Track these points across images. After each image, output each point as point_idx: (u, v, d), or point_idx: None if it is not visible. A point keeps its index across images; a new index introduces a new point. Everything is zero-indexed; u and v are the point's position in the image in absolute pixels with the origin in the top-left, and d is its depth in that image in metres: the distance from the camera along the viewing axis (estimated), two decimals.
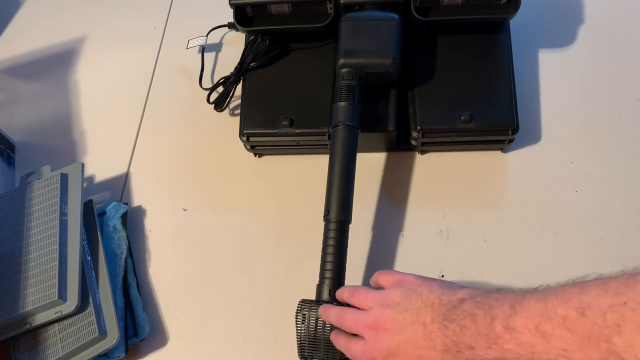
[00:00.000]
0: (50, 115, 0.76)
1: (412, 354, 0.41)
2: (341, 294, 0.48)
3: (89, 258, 0.59)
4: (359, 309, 0.46)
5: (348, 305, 0.48)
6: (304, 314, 0.50)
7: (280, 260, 0.60)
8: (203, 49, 0.74)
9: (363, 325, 0.44)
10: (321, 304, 0.50)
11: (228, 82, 0.67)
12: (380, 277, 0.48)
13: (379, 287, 0.48)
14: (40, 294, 0.54)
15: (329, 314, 0.47)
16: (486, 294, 0.40)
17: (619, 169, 0.58)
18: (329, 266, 0.51)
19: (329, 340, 0.49)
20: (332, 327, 0.49)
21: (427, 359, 0.40)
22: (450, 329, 0.39)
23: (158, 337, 0.58)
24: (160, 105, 0.74)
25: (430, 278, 0.45)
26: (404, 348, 0.41)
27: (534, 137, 0.62)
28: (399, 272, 0.47)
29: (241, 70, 0.65)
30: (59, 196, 0.60)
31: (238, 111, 0.69)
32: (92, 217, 0.62)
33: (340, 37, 0.57)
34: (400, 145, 0.62)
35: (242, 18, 0.64)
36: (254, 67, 0.65)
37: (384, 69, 0.56)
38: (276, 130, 0.61)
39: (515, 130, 0.57)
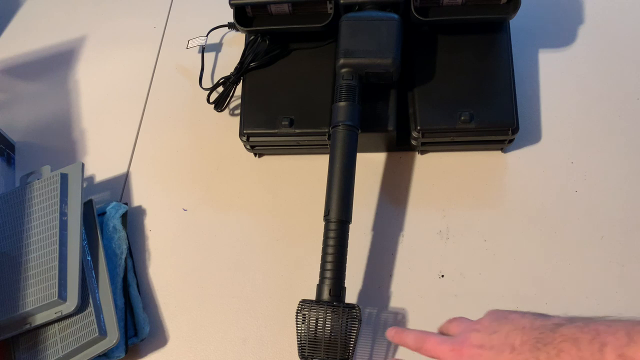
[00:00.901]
0: (50, 115, 0.76)
1: None
2: (405, 338, 0.45)
3: (89, 258, 0.59)
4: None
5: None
6: (304, 314, 0.50)
7: (280, 260, 0.60)
8: (203, 49, 0.74)
9: (447, 348, 0.41)
10: (321, 304, 0.50)
11: (228, 82, 0.67)
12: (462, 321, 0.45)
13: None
14: (40, 294, 0.54)
15: (406, 337, 0.45)
16: (589, 321, 0.36)
17: (619, 169, 0.58)
18: (329, 266, 0.51)
19: (329, 340, 0.49)
20: (333, 327, 0.49)
21: None
22: (543, 352, 0.36)
23: (158, 337, 0.58)
24: (160, 105, 0.74)
25: (527, 311, 0.42)
26: None
27: (534, 137, 0.62)
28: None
29: (241, 70, 0.65)
30: (59, 196, 0.60)
31: (238, 111, 0.69)
32: (92, 217, 0.62)
33: (340, 37, 0.57)
34: (400, 145, 0.62)
35: (242, 18, 0.64)
36: (254, 67, 0.65)
37: (384, 69, 0.56)
38: (276, 130, 0.61)
39: (515, 130, 0.57)
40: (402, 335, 0.45)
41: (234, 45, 0.76)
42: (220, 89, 0.68)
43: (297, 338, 0.50)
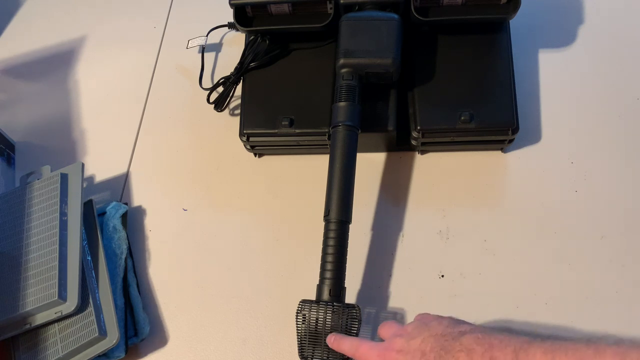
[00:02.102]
0: (50, 115, 0.76)
1: None
2: (342, 345, 0.49)
3: (89, 258, 0.59)
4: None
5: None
6: (304, 314, 0.50)
7: (280, 260, 0.60)
8: (203, 49, 0.74)
9: (375, 353, 0.45)
10: (321, 304, 0.50)
11: (228, 82, 0.67)
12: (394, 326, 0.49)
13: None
14: (40, 294, 0.54)
15: (342, 343, 0.48)
16: (489, 333, 0.39)
17: (619, 169, 0.58)
18: (329, 266, 0.51)
19: None
20: (333, 328, 0.49)
21: None
22: (444, 359, 0.39)
23: (158, 337, 0.58)
24: (160, 105, 0.74)
25: (449, 317, 0.46)
26: None
27: (534, 137, 0.62)
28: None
29: (241, 70, 0.65)
30: (59, 196, 0.60)
31: (238, 111, 0.69)
32: (92, 217, 0.62)
33: (340, 37, 0.57)
34: (400, 145, 0.62)
35: (242, 18, 0.64)
36: (254, 67, 0.65)
37: (384, 69, 0.56)
38: (276, 130, 0.61)
39: (515, 130, 0.57)
40: (340, 342, 0.48)
41: (234, 45, 0.76)
42: (220, 89, 0.68)
43: (297, 338, 0.50)
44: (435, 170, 0.62)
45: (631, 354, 0.30)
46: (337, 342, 0.48)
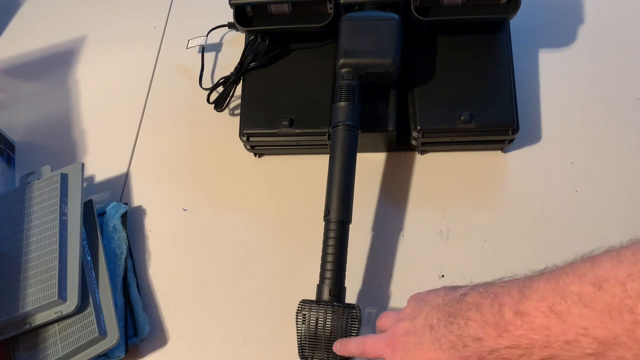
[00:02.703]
0: (50, 115, 0.76)
1: (421, 358, 0.40)
2: (349, 347, 0.48)
3: (89, 258, 0.59)
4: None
5: None
6: (304, 314, 0.50)
7: (280, 260, 0.60)
8: (203, 49, 0.74)
9: (383, 344, 0.43)
10: (321, 304, 0.50)
11: (228, 82, 0.67)
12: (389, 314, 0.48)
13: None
14: (40, 294, 0.54)
15: (349, 346, 0.47)
16: (490, 284, 0.38)
17: (619, 169, 0.58)
18: (329, 266, 0.51)
19: (329, 340, 0.49)
20: (333, 328, 0.49)
21: None
22: (454, 324, 0.38)
23: (158, 337, 0.58)
24: (160, 105, 0.74)
25: (442, 286, 0.45)
26: (415, 355, 0.40)
27: (534, 137, 0.62)
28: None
29: (241, 70, 0.65)
30: (59, 196, 0.60)
31: (238, 111, 0.69)
32: (92, 217, 0.62)
33: (340, 37, 0.57)
34: (400, 145, 0.62)
35: (242, 18, 0.64)
36: (254, 67, 0.65)
37: (384, 69, 0.56)
38: (276, 130, 0.61)
39: (515, 130, 0.57)
40: (346, 346, 0.48)
41: (234, 45, 0.76)
42: (220, 89, 0.68)
43: (297, 338, 0.50)
44: (435, 170, 0.62)
45: (624, 252, 0.31)
46: (343, 346, 0.48)
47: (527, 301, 0.34)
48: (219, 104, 0.68)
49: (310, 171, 0.64)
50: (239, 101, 0.69)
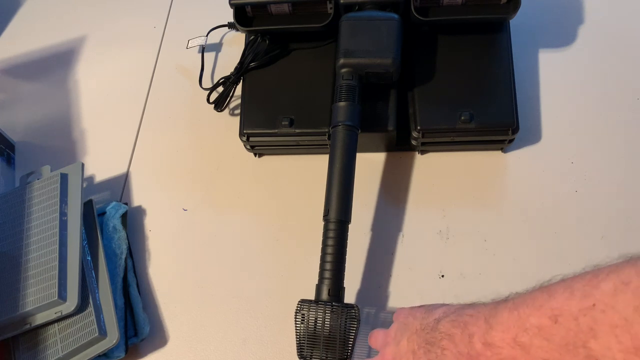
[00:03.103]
0: (50, 115, 0.76)
1: None
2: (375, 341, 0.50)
3: (89, 258, 0.59)
4: None
5: None
6: (304, 314, 0.50)
7: (280, 260, 0.60)
8: (203, 49, 0.74)
9: None
10: (320, 304, 0.50)
11: (228, 82, 0.67)
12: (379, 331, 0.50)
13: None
14: (40, 294, 0.54)
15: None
16: (460, 311, 0.40)
17: (619, 169, 0.58)
18: (328, 266, 0.51)
19: (328, 340, 0.49)
20: (332, 327, 0.49)
21: None
22: (432, 353, 0.40)
23: (158, 337, 0.58)
24: (160, 105, 0.74)
25: (418, 306, 0.47)
26: None
27: (534, 137, 0.62)
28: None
29: (241, 70, 0.65)
30: (59, 196, 0.60)
31: (238, 111, 0.69)
32: (92, 217, 0.62)
33: (340, 37, 0.57)
34: (400, 145, 0.62)
35: (242, 18, 0.64)
36: (254, 67, 0.65)
37: (384, 69, 0.56)
38: (276, 130, 0.61)
39: (515, 130, 0.57)
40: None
41: (234, 45, 0.76)
42: (220, 89, 0.68)
43: (296, 338, 0.50)
44: (435, 170, 0.62)
45: (575, 284, 0.32)
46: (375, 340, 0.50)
47: (493, 332, 0.36)
48: (219, 104, 0.68)
49: (310, 171, 0.64)
50: (239, 101, 0.68)
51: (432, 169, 0.62)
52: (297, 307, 0.51)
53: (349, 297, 0.55)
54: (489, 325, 0.36)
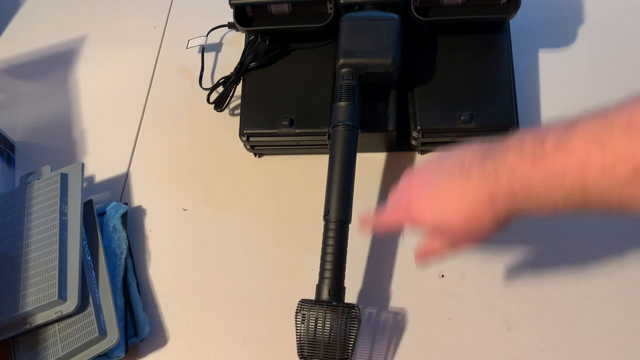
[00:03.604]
0: (50, 115, 0.76)
1: (446, 189, 0.38)
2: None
3: (89, 258, 0.59)
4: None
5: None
6: (304, 314, 0.50)
7: (280, 260, 0.60)
8: (203, 49, 0.74)
9: (407, 187, 0.42)
10: (321, 304, 0.50)
11: (228, 82, 0.67)
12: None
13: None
14: (40, 294, 0.54)
15: (381, 218, 0.46)
16: (533, 130, 0.36)
17: None
18: (328, 266, 0.51)
19: (329, 340, 0.49)
20: (332, 327, 0.49)
21: (461, 193, 0.37)
22: (489, 159, 0.36)
23: (158, 337, 0.58)
24: (160, 105, 0.74)
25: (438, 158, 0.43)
26: (440, 187, 0.39)
27: None
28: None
29: (241, 70, 0.65)
30: (59, 196, 0.60)
31: (238, 111, 0.69)
32: (92, 217, 0.62)
33: (340, 37, 0.57)
34: (400, 145, 0.62)
35: (242, 18, 0.64)
36: (254, 67, 0.65)
37: (384, 68, 0.56)
38: (276, 130, 0.61)
39: (515, 130, 0.57)
40: (378, 219, 0.47)
41: (234, 45, 0.76)
42: (220, 89, 0.68)
43: (297, 338, 0.50)
44: None
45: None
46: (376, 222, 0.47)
47: (571, 132, 0.33)
48: (219, 104, 0.68)
49: (310, 171, 0.64)
50: (239, 101, 0.68)
51: None
52: (298, 307, 0.51)
53: (350, 297, 0.55)
54: (568, 129, 0.33)
